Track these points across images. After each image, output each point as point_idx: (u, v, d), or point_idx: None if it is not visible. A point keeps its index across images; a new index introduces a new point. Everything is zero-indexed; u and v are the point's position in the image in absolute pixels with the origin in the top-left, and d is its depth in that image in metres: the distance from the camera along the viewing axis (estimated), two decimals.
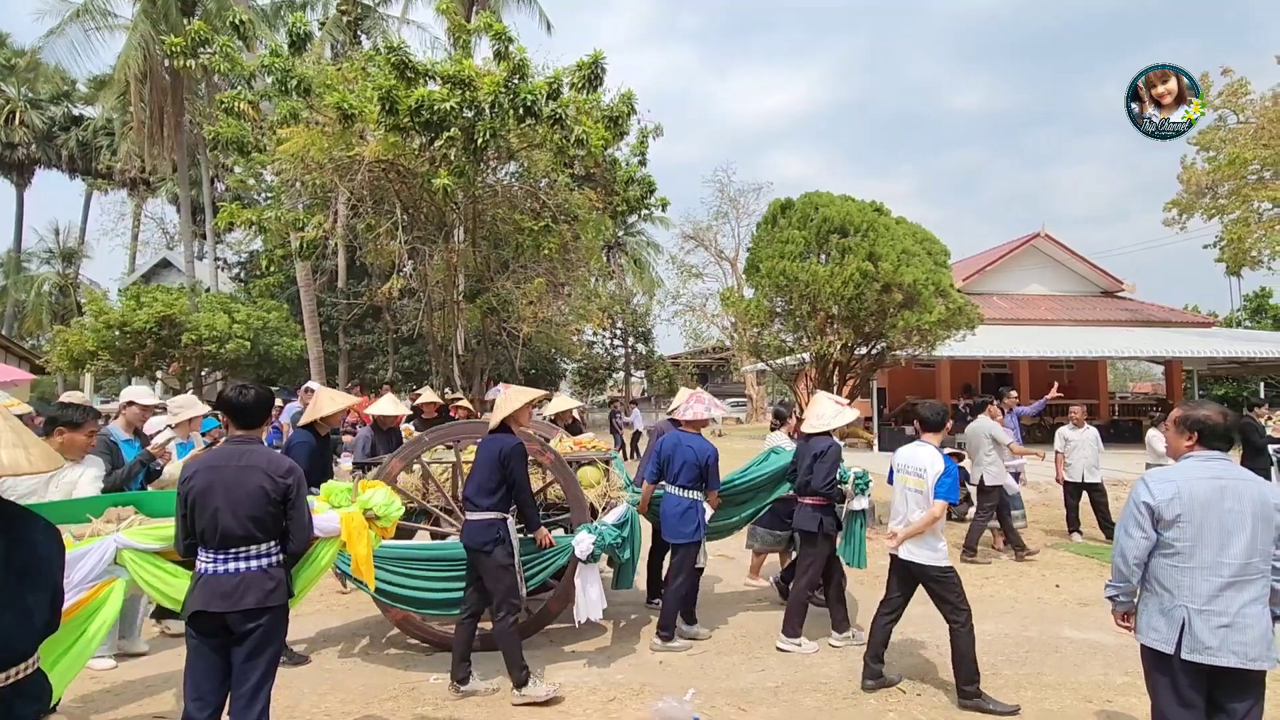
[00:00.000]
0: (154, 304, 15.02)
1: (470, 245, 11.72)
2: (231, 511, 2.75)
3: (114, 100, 21.07)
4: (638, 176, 13.28)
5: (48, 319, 31.45)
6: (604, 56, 10.24)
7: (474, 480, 4.11)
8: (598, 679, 4.34)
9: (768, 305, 10.38)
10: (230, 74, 10.65)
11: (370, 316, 21.09)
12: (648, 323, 38.21)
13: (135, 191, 32.13)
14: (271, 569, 2.83)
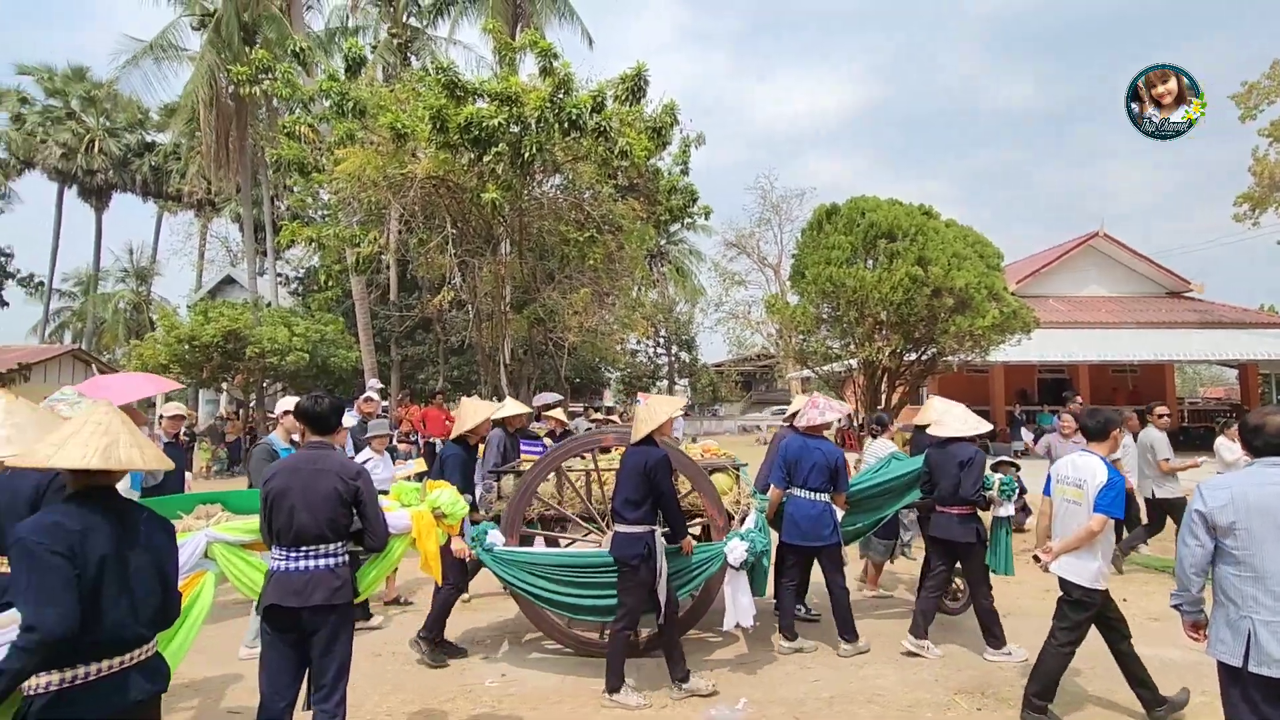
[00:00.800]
0: (220, 319, 15.78)
1: (517, 257, 11.97)
2: (307, 511, 2.92)
3: (183, 126, 22.28)
4: (680, 185, 13.36)
5: (124, 334, 33.33)
6: (646, 69, 10.38)
7: (621, 492, 4.17)
8: (649, 685, 4.36)
9: (814, 312, 10.30)
10: (290, 99, 11.18)
11: (421, 328, 21.68)
12: (691, 331, 38.20)
13: (202, 212, 33.81)
14: (338, 569, 2.98)
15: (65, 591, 1.89)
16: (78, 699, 1.96)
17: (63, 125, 32.03)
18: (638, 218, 11.75)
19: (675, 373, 37.77)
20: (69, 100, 32.39)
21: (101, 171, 32.38)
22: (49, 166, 31.93)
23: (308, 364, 16.86)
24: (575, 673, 4.57)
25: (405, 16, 21.58)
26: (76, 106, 32.46)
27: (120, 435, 2.07)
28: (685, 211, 13.90)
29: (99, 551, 1.99)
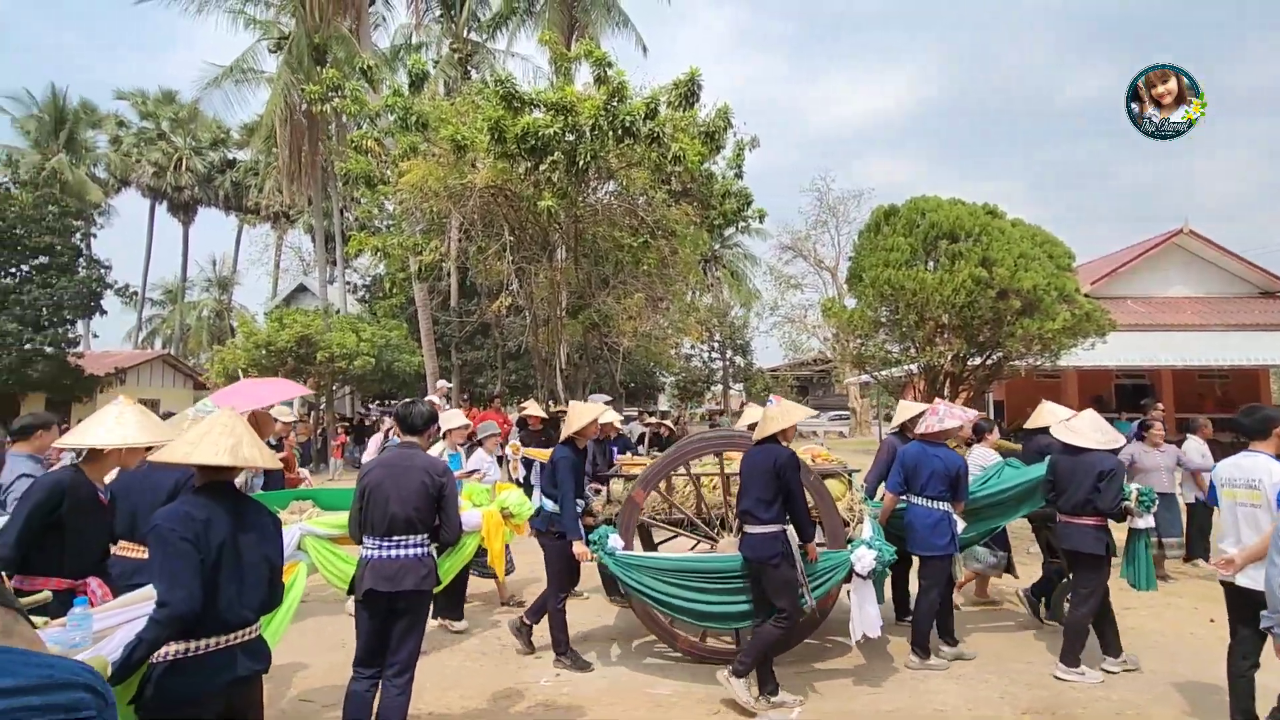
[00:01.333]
0: (294, 325, 16.60)
1: (572, 263, 12.17)
2: (399, 504, 3.23)
3: (260, 144, 23.57)
4: (734, 189, 13.30)
5: (207, 339, 35.49)
6: (700, 74, 10.40)
7: (749, 493, 4.11)
8: (703, 690, 4.36)
9: (872, 315, 10.06)
10: (358, 115, 11.70)
11: (480, 333, 22.23)
12: (745, 335, 37.86)
13: (277, 224, 35.70)
14: (424, 558, 3.29)
15: (192, 575, 2.16)
16: (190, 670, 2.19)
17: (154, 145, 34.43)
18: (691, 222, 11.77)
19: (730, 377, 37.48)
20: (160, 122, 34.77)
21: (188, 188, 34.61)
22: (142, 184, 34.37)
23: (373, 368, 17.54)
24: (626, 676, 4.61)
25: (466, 31, 22.26)
26: (166, 128, 34.81)
27: (243, 437, 2.38)
28: (739, 215, 13.82)
29: (218, 539, 2.24)
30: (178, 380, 29.47)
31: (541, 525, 4.69)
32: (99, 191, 31.93)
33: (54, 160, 30.52)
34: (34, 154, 31.34)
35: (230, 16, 20.35)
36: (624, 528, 4.68)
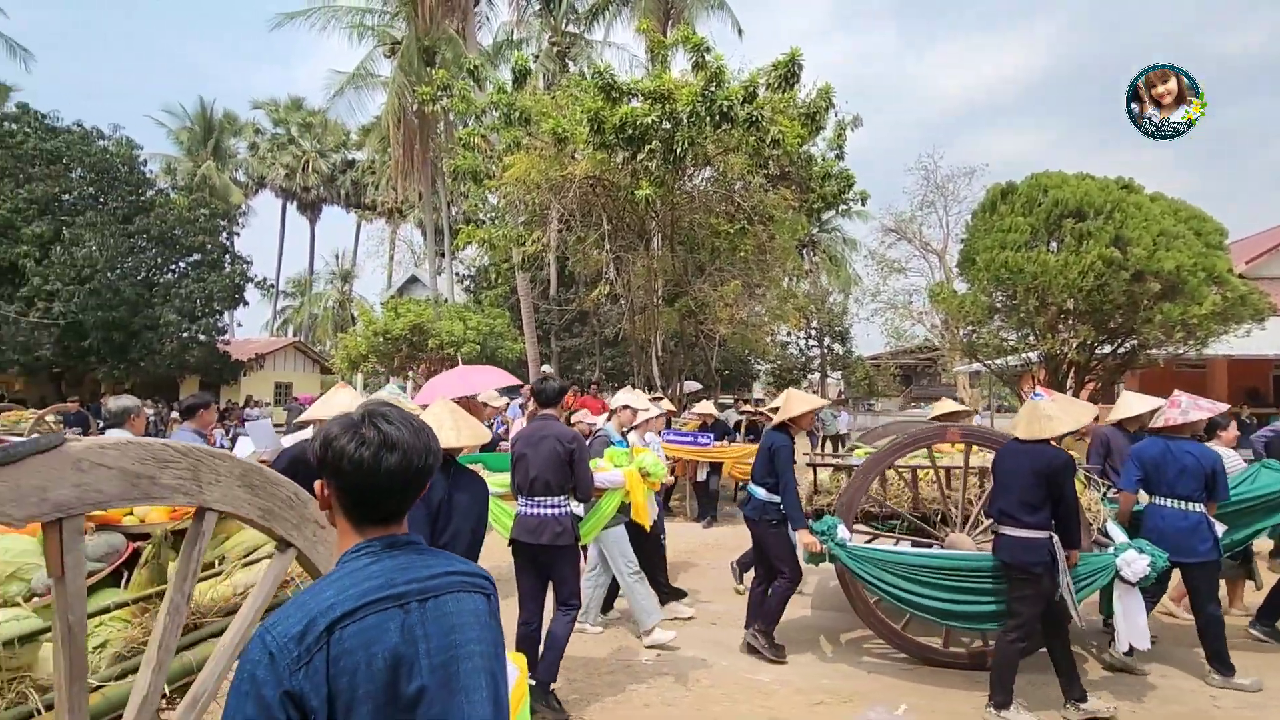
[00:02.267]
0: (408, 314, 17.70)
1: (668, 251, 12.23)
2: (538, 468, 3.81)
3: (376, 144, 25.16)
4: (835, 171, 12.88)
5: (331, 328, 38.49)
6: (800, 54, 10.11)
7: (1009, 493, 3.87)
8: (804, 680, 4.34)
9: (986, 301, 9.48)
10: (465, 113, 12.25)
11: (578, 321, 22.81)
12: (844, 322, 36.58)
13: (391, 219, 38.05)
14: (560, 516, 3.81)
15: (420, 526, 2.65)
16: None
17: (285, 150, 37.54)
18: (790, 207, 11.51)
19: (827, 365, 36.42)
20: (290, 128, 37.84)
21: (314, 188, 37.54)
22: (275, 186, 37.61)
23: (478, 355, 18.42)
24: (725, 662, 4.65)
25: (564, 24, 22.70)
26: (295, 133, 37.85)
27: (445, 421, 3.01)
28: (840, 198, 13.39)
29: (438, 496, 2.79)
30: (307, 365, 32.20)
31: (754, 514, 4.66)
32: (240, 193, 35.24)
33: (203, 166, 33.98)
34: (187, 161, 35.02)
35: (349, 31, 21.79)
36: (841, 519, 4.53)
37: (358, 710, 1.03)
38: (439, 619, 1.13)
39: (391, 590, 1.10)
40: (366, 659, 1.04)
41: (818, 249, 32.49)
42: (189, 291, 20.26)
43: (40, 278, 17.87)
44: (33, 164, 19.02)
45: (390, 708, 1.05)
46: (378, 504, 1.18)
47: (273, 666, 1.01)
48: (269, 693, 1.00)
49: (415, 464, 1.17)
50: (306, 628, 1.03)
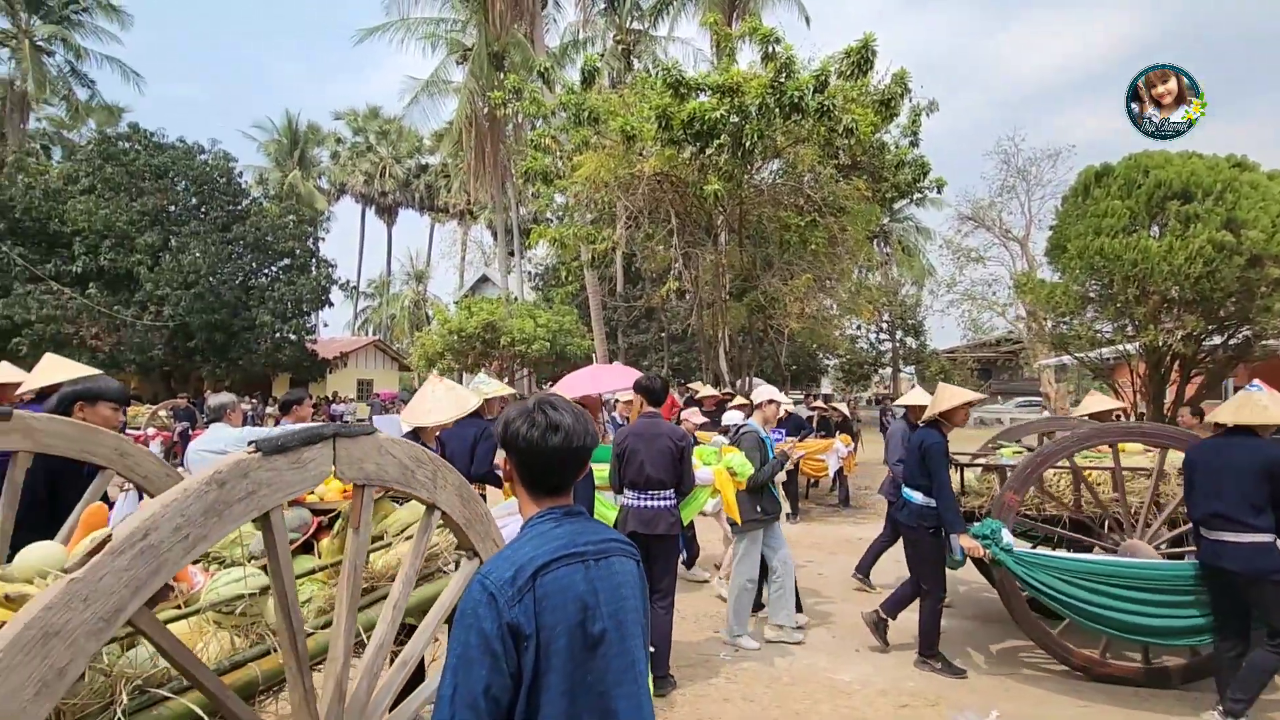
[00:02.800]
0: (480, 313, 18.28)
1: (736, 245, 12.14)
2: (650, 464, 3.97)
3: (449, 148, 26.00)
4: (909, 158, 12.45)
5: (408, 327, 40.10)
6: (874, 39, 9.83)
7: (1223, 494, 3.58)
8: (888, 682, 4.25)
9: (1078, 290, 8.94)
10: (535, 115, 12.51)
11: (645, 317, 22.94)
12: (918, 314, 35.29)
13: (463, 221, 39.29)
14: (671, 509, 4.02)
15: None
16: None
17: (364, 157, 39.33)
18: (862, 198, 11.21)
19: (900, 359, 35.24)
20: (368, 136, 39.60)
21: (391, 193, 39.17)
22: (355, 191, 39.46)
23: (548, 351, 18.82)
24: (805, 660, 4.62)
25: (628, 22, 22.80)
26: (373, 140, 39.58)
27: None
28: (915, 186, 12.94)
29: None
30: (386, 363, 33.68)
31: (911, 520, 4.38)
32: (323, 200, 37.17)
33: (290, 176, 36.01)
34: (276, 171, 37.20)
35: (423, 42, 22.62)
36: None
37: (557, 641, 1.25)
38: (608, 576, 1.35)
39: (574, 549, 1.33)
40: (562, 601, 1.27)
41: (890, 239, 31.48)
42: (281, 294, 21.56)
43: (152, 283, 19.42)
44: (143, 179, 20.68)
45: (580, 642, 1.28)
46: (547, 477, 1.41)
47: (493, 604, 1.23)
48: (489, 625, 1.22)
49: (575, 443, 1.40)
50: (516, 573, 1.26)
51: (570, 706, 1.25)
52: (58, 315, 18.09)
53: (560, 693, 1.25)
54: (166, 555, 1.23)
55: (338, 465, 1.53)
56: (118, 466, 2.53)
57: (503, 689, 1.22)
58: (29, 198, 19.40)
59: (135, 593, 1.19)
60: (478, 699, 1.20)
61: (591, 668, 1.29)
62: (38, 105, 25.46)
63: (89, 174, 20.42)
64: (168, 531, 1.23)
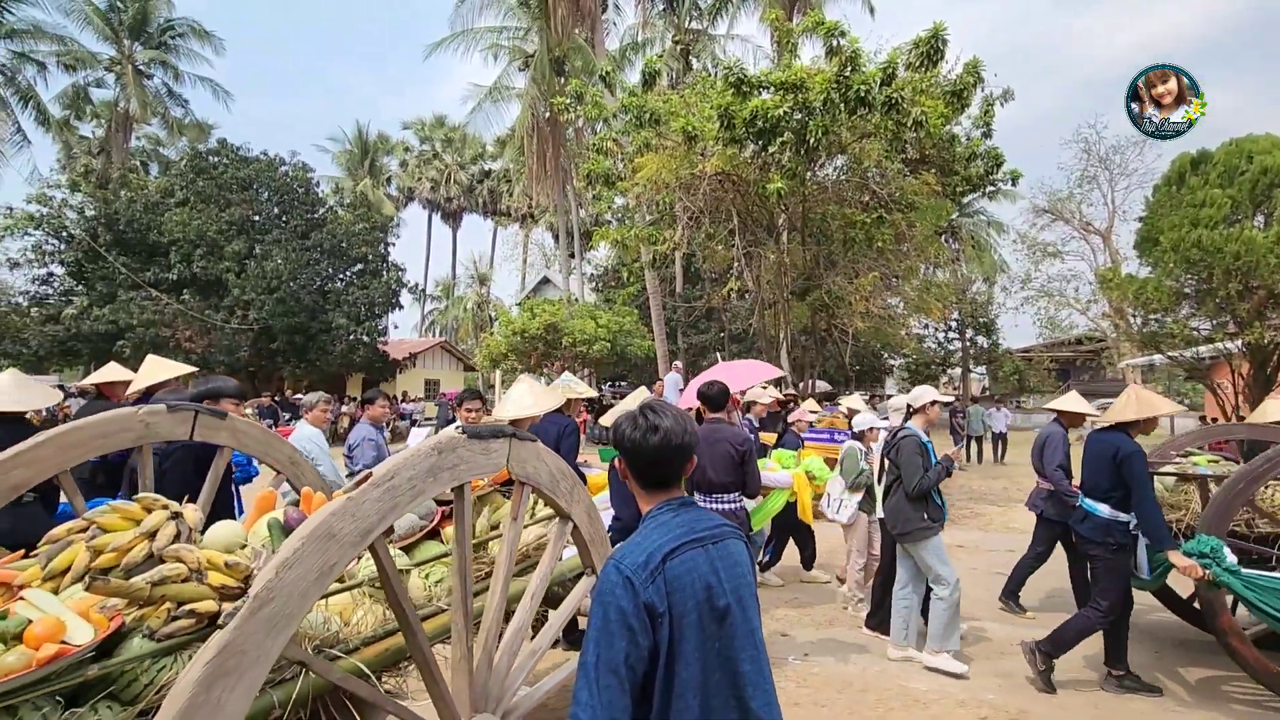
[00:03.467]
0: (543, 314, 18.61)
1: (798, 244, 11.94)
2: (713, 469, 4.02)
3: (512, 154, 26.60)
4: (981, 150, 11.95)
5: (472, 328, 41.22)
6: (945, 28, 9.50)
7: None
8: (966, 693, 4.11)
9: (1172, 285, 8.40)
10: (596, 118, 12.65)
11: (705, 318, 22.85)
12: (989, 312, 33.82)
13: (524, 224, 40.10)
14: (736, 511, 4.08)
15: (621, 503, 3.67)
16: None
17: (430, 164, 40.65)
18: (932, 192, 10.83)
19: (970, 359, 33.85)
20: (434, 143, 40.92)
21: (455, 198, 40.35)
22: (422, 198, 40.84)
23: (608, 352, 18.99)
24: (876, 667, 4.51)
25: (688, 21, 22.78)
26: (439, 148, 40.87)
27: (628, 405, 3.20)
28: (987, 179, 12.41)
29: None
30: (452, 363, 34.72)
31: (1094, 534, 4.04)
32: (392, 206, 38.62)
33: (361, 184, 37.58)
34: (348, 180, 38.90)
35: (486, 53, 23.24)
36: None
37: (688, 616, 1.43)
38: (725, 557, 1.52)
39: (695, 535, 1.50)
40: (689, 581, 1.44)
41: (958, 235, 30.31)
42: (355, 298, 22.54)
43: (239, 289, 20.64)
44: (231, 191, 22.00)
45: (709, 616, 1.45)
46: (652, 471, 1.58)
47: (629, 586, 1.40)
48: (627, 604, 1.39)
49: (674, 442, 1.55)
50: (648, 559, 1.44)
51: (703, 671, 1.43)
52: (156, 320, 19.47)
53: (693, 659, 1.42)
54: (400, 498, 1.59)
55: (510, 460, 1.84)
56: (288, 472, 2.98)
57: (639, 659, 1.38)
58: (131, 211, 20.95)
59: (380, 519, 1.55)
60: (619, 666, 1.36)
61: (719, 637, 1.46)
62: (138, 125, 27.48)
63: (183, 187, 21.88)
64: (403, 480, 1.60)
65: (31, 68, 24.25)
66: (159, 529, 1.79)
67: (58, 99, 25.66)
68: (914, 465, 4.35)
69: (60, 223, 20.80)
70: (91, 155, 28.08)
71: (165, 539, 1.77)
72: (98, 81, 26.35)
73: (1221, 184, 7.81)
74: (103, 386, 5.15)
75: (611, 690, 1.35)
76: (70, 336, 19.71)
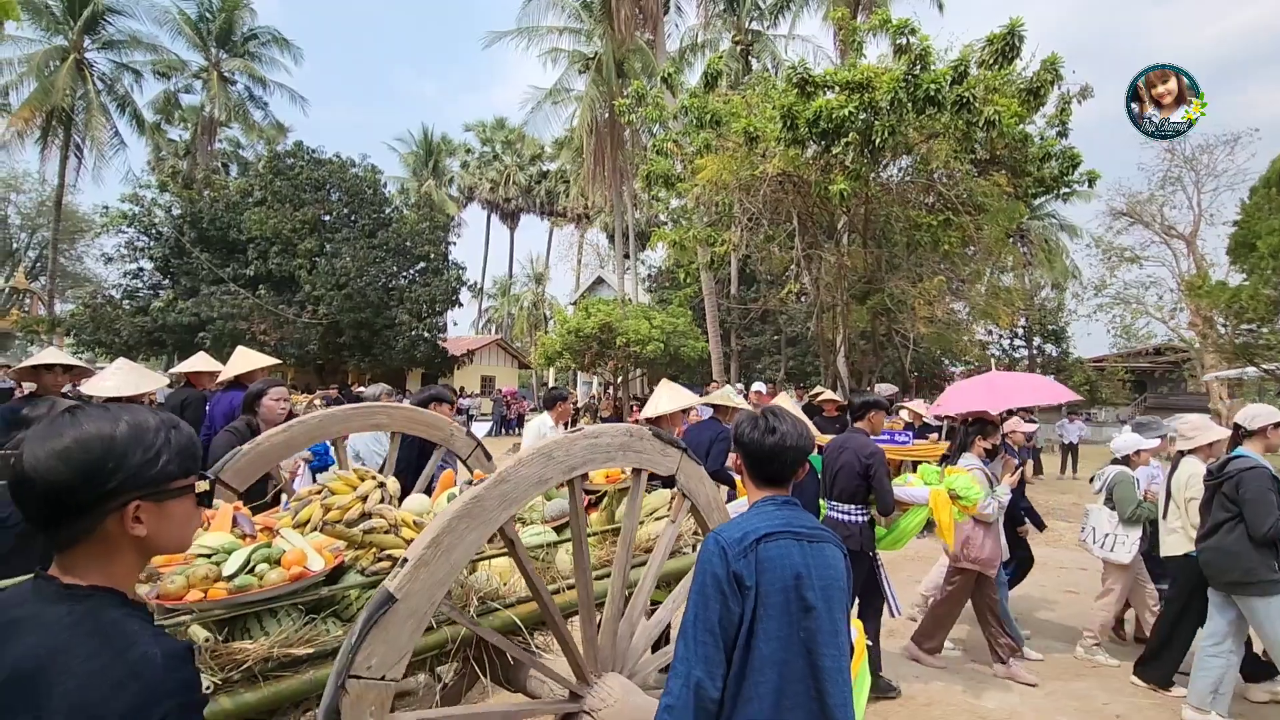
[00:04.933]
0: (598, 314, 18.76)
1: (860, 246, 11.71)
2: (840, 478, 4.09)
3: (570, 155, 26.96)
4: (1056, 150, 11.46)
5: (527, 327, 41.95)
6: (1022, 24, 9.17)
7: None
8: (1037, 713, 3.98)
9: (1270, 294, 7.88)
10: (658, 120, 12.70)
11: (759, 320, 22.66)
12: (1059, 319, 32.33)
13: (579, 224, 40.56)
14: (851, 524, 4.05)
15: None
16: None
17: (490, 166, 41.56)
18: (1003, 194, 10.45)
19: (1038, 368, 32.46)
20: (494, 145, 41.83)
21: (514, 199, 41.14)
22: (482, 198, 41.79)
23: (662, 353, 19.02)
24: (942, 682, 4.41)
25: (748, 21, 22.63)
26: (499, 150, 41.75)
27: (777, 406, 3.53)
28: (1062, 180, 11.88)
29: None
30: (507, 360, 35.42)
31: None
32: (454, 206, 39.66)
33: (425, 185, 38.72)
34: (413, 181, 40.14)
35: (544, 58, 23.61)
36: None
37: (773, 596, 1.56)
38: (819, 556, 1.64)
39: (791, 528, 1.64)
40: (779, 565, 1.59)
41: (1028, 238, 29.13)
42: (417, 295, 23.27)
43: (310, 285, 21.59)
44: (305, 191, 23.03)
45: (795, 603, 1.57)
46: (763, 467, 1.76)
47: (724, 555, 1.58)
48: (720, 571, 1.57)
49: (787, 443, 1.73)
50: (743, 536, 1.61)
51: (783, 651, 1.55)
52: (234, 313, 20.55)
53: (774, 638, 1.55)
54: (598, 454, 1.97)
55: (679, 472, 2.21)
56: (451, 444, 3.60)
57: (730, 623, 1.55)
58: (214, 210, 22.18)
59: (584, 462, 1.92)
60: (714, 626, 1.54)
61: (803, 626, 1.57)
62: (220, 128, 29.08)
63: (261, 188, 23.04)
64: (605, 441, 1.99)
65: (129, 76, 25.99)
66: (369, 494, 2.33)
67: (150, 104, 27.43)
68: (1267, 503, 3.62)
69: (150, 221, 22.20)
70: (178, 157, 29.87)
71: (373, 501, 2.29)
72: (186, 88, 28.03)
73: None
74: (190, 376, 5.50)
75: (707, 646, 1.54)
76: (157, 328, 21.00)
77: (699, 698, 1.51)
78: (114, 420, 1.01)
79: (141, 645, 0.94)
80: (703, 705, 1.51)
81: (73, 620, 0.94)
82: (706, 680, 1.52)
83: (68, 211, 28.13)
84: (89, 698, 0.88)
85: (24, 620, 0.95)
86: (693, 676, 1.52)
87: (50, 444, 0.96)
